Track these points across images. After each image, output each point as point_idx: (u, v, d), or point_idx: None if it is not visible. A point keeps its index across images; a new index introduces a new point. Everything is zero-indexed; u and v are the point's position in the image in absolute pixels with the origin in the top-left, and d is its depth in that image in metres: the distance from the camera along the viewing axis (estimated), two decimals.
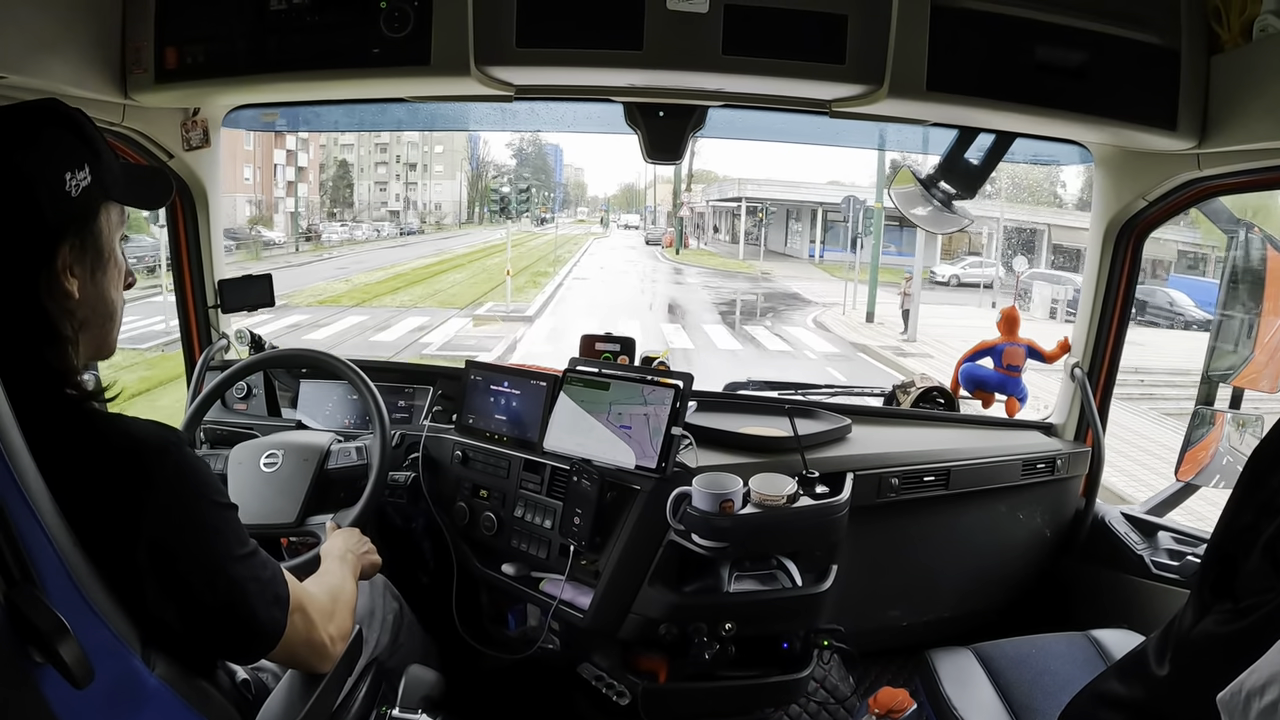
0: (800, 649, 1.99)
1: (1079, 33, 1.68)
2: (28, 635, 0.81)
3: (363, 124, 2.56)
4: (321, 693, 1.22)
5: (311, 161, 46.01)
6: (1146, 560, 2.24)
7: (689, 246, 43.18)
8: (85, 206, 0.99)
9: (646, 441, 1.88)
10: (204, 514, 1.02)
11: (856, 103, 1.78)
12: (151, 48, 1.78)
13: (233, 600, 1.03)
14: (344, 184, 53.81)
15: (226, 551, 1.04)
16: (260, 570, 1.07)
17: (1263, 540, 1.01)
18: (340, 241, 41.18)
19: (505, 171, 70.85)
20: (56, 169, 0.96)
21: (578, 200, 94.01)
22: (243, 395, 2.39)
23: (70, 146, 0.99)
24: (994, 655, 1.81)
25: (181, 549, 0.99)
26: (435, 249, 40.02)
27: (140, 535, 0.96)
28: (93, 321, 1.04)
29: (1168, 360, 12.74)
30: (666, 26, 1.66)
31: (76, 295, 0.99)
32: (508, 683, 2.20)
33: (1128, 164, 2.09)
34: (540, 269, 30.18)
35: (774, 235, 37.64)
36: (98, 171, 1.00)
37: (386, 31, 1.67)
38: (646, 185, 64.99)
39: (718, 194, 43.25)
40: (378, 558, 1.65)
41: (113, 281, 1.06)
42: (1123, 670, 1.29)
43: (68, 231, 0.97)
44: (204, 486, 1.03)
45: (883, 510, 2.17)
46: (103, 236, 1.03)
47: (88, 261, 1.01)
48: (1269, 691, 0.84)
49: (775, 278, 29.31)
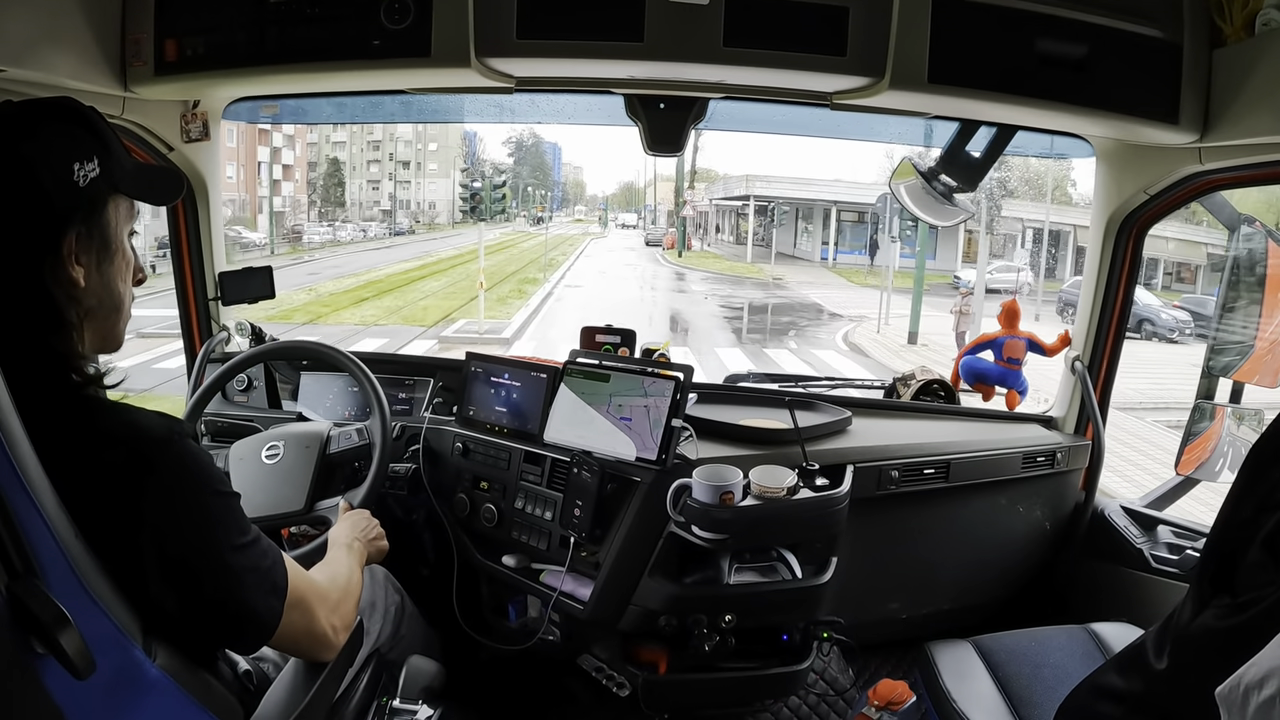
0: (800, 641, 1.99)
1: (1081, 25, 1.67)
2: (29, 626, 0.81)
3: (363, 116, 2.55)
4: (323, 683, 1.22)
5: (298, 159, 43.92)
6: (1146, 554, 2.24)
7: (691, 248, 40.38)
8: (93, 197, 1.01)
9: (647, 433, 1.89)
10: (206, 503, 1.03)
11: (858, 95, 1.78)
12: (151, 40, 1.78)
13: (230, 589, 1.04)
14: (335, 182, 51.87)
15: (227, 540, 1.04)
16: (260, 559, 1.08)
17: (1262, 534, 1.01)
18: (323, 243, 37.93)
19: (503, 170, 67.77)
20: (64, 159, 0.98)
21: (577, 199, 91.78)
22: (244, 388, 2.39)
23: (79, 139, 1.01)
24: (993, 648, 1.82)
25: (182, 537, 1.00)
26: (421, 251, 37.15)
27: (143, 523, 0.97)
28: (99, 311, 1.05)
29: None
30: (667, 18, 1.66)
31: (82, 283, 1.00)
32: (508, 674, 2.20)
33: (1129, 158, 2.08)
34: (529, 275, 27.53)
35: (781, 236, 34.41)
36: (107, 164, 1.02)
37: (387, 23, 1.67)
38: (646, 184, 62.21)
39: (722, 192, 40.74)
40: (385, 543, 1.65)
41: (119, 273, 1.07)
42: (1121, 663, 1.30)
43: (74, 219, 0.99)
44: (206, 476, 1.04)
45: (883, 503, 2.17)
46: (110, 228, 1.04)
47: (94, 251, 1.02)
48: (1268, 685, 0.84)
49: (789, 284, 26.41)
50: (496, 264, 29.94)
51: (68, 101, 1.04)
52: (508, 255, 35.80)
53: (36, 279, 0.97)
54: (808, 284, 26.25)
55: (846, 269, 29.93)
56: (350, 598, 1.32)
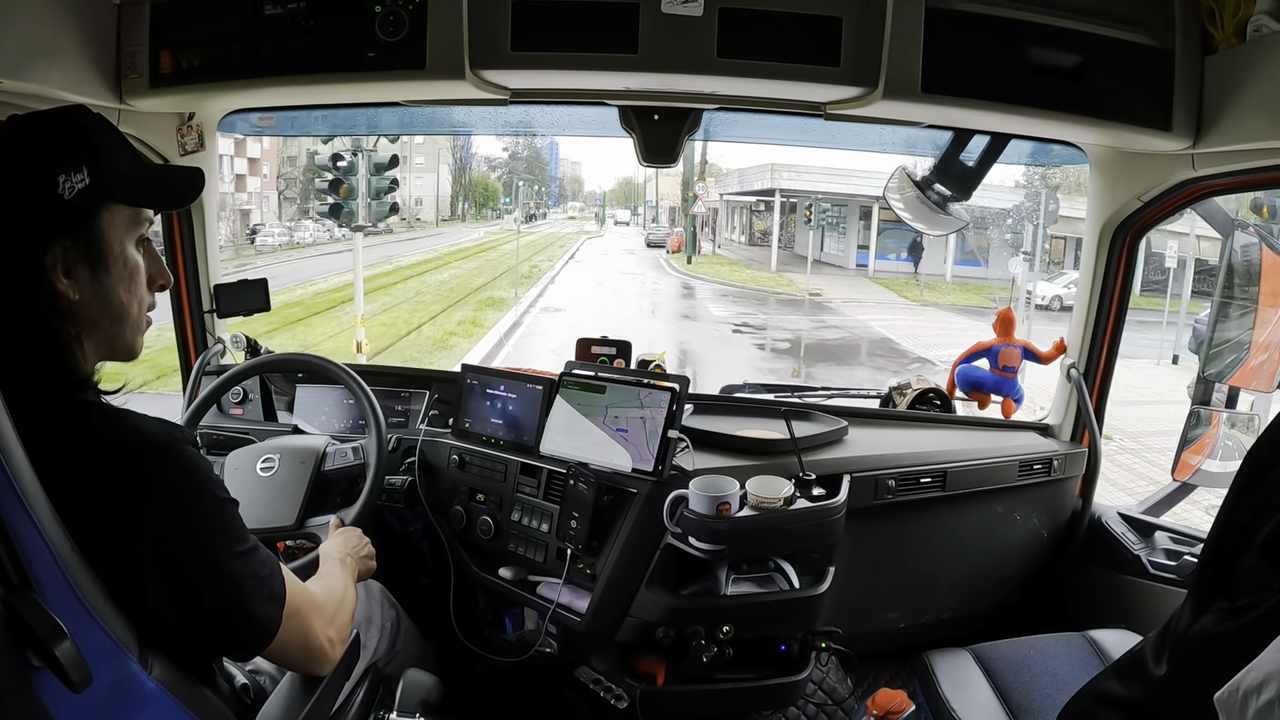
0: (798, 651, 1.99)
1: (1073, 34, 1.68)
2: (25, 639, 0.81)
3: (358, 128, 2.56)
4: (319, 697, 1.22)
5: (265, 153, 38.94)
6: (1144, 560, 2.24)
7: (701, 251, 32.97)
8: (81, 208, 0.99)
9: (643, 444, 1.88)
10: (205, 509, 1.03)
11: (851, 105, 1.79)
12: (147, 52, 1.78)
13: (229, 595, 1.03)
14: (314, 178, 49.96)
15: (226, 547, 1.04)
16: (259, 567, 1.07)
17: (1260, 539, 1.01)
18: (277, 246, 31.81)
19: (496, 165, 65.22)
20: (47, 172, 0.97)
21: (574, 194, 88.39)
22: (239, 400, 2.39)
23: (65, 151, 0.99)
24: (992, 656, 1.81)
25: (182, 543, 0.99)
26: (385, 255, 29.39)
27: (142, 530, 0.96)
28: (100, 323, 1.04)
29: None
30: (661, 30, 1.67)
31: (74, 296, 0.99)
32: (505, 686, 2.19)
33: (1123, 165, 2.09)
34: (497, 293, 21.13)
35: (801, 238, 28.77)
36: (98, 174, 1.00)
37: (381, 35, 1.68)
38: (646, 179, 57.18)
39: (738, 185, 34.59)
40: (374, 562, 1.65)
41: (120, 282, 1.05)
42: (1121, 670, 1.30)
43: (56, 233, 0.97)
44: (205, 482, 1.03)
45: (880, 512, 2.17)
46: (105, 238, 1.02)
47: (88, 263, 1.01)
48: (1266, 690, 0.84)
49: (833, 303, 20.56)
50: (461, 276, 24.63)
51: (61, 113, 1.03)
52: (482, 261, 29.71)
53: (20, 297, 0.96)
54: (854, 302, 20.98)
55: (886, 278, 25.43)
56: (345, 611, 1.32)
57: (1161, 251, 15.87)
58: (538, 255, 32.63)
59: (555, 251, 35.37)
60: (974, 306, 15.40)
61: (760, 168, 29.39)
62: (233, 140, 33.85)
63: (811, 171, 26.57)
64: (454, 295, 20.70)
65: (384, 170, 10.49)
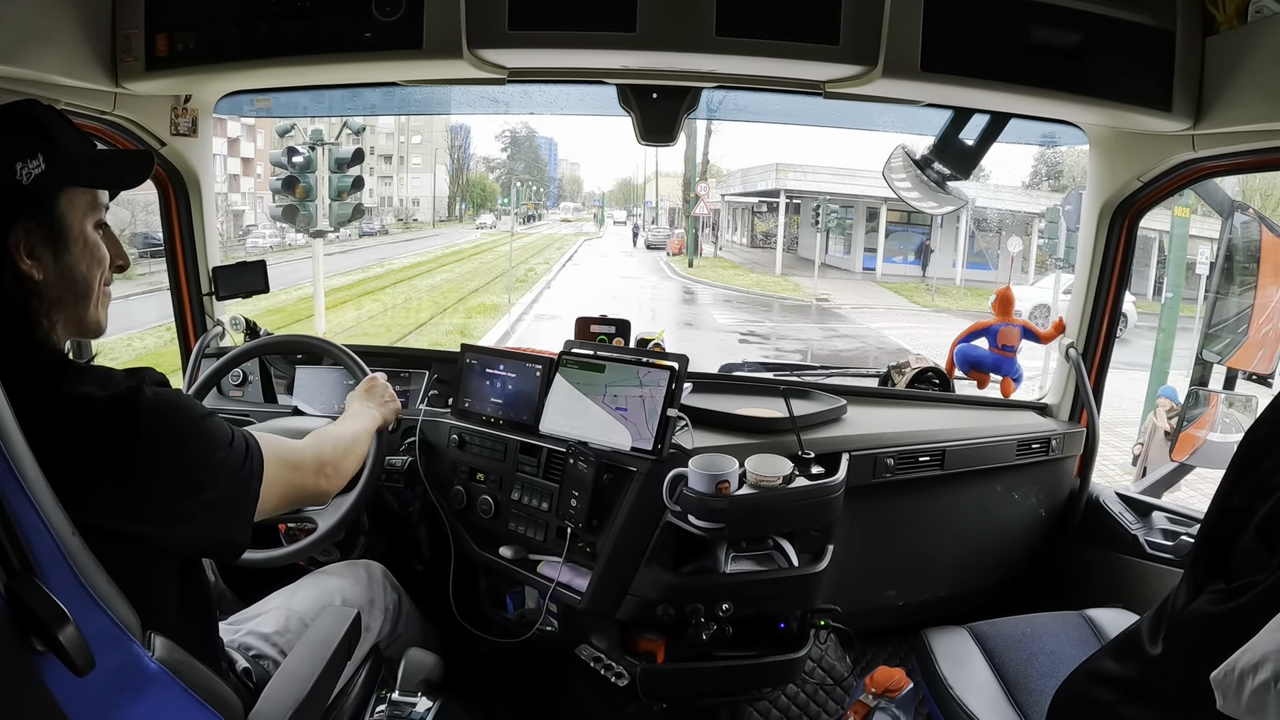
0: (797, 629, 2.00)
1: (1074, 13, 1.67)
2: (28, 624, 0.82)
3: (354, 109, 2.55)
4: (321, 678, 1.23)
5: (259, 152, 36.88)
6: (1141, 540, 2.25)
7: (702, 253, 32.04)
8: (39, 192, 1.04)
9: (642, 423, 1.89)
10: (184, 432, 1.10)
11: (850, 83, 1.77)
12: (142, 35, 1.77)
13: (209, 525, 1.13)
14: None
15: (205, 459, 1.12)
16: (228, 479, 1.15)
17: (1256, 520, 1.02)
18: (269, 248, 28.97)
19: (495, 165, 64.88)
20: (5, 159, 1.01)
21: (572, 195, 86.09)
22: (239, 382, 2.39)
23: (20, 140, 1.04)
24: (989, 634, 1.83)
25: (168, 467, 1.06)
26: (378, 258, 28.69)
27: (134, 473, 1.02)
28: (66, 300, 1.09)
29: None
30: (660, 7, 1.65)
31: (39, 276, 1.05)
32: (506, 665, 2.21)
33: (1122, 145, 2.08)
34: (489, 299, 20.24)
35: (805, 240, 28.59)
36: (54, 159, 1.05)
37: (378, 15, 1.67)
38: (645, 179, 56.28)
39: (741, 185, 33.34)
40: (398, 403, 1.91)
41: (81, 260, 1.10)
42: (1117, 649, 1.30)
43: (19, 216, 1.02)
44: (180, 410, 1.10)
45: (878, 490, 2.18)
46: (64, 220, 1.08)
47: (48, 243, 1.06)
48: (1262, 670, 0.85)
49: (841, 308, 19.93)
50: (453, 280, 23.84)
51: (16, 106, 1.08)
52: (477, 264, 28.72)
53: None
54: (864, 308, 20.07)
55: (894, 282, 24.42)
56: (350, 455, 1.55)
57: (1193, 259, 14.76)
58: (534, 258, 31.69)
59: (552, 254, 34.59)
60: (989, 313, 13.35)
61: (764, 168, 28.47)
62: (225, 140, 34.36)
63: (817, 171, 25.83)
64: (445, 301, 20.20)
65: (347, 166, 9.45)
